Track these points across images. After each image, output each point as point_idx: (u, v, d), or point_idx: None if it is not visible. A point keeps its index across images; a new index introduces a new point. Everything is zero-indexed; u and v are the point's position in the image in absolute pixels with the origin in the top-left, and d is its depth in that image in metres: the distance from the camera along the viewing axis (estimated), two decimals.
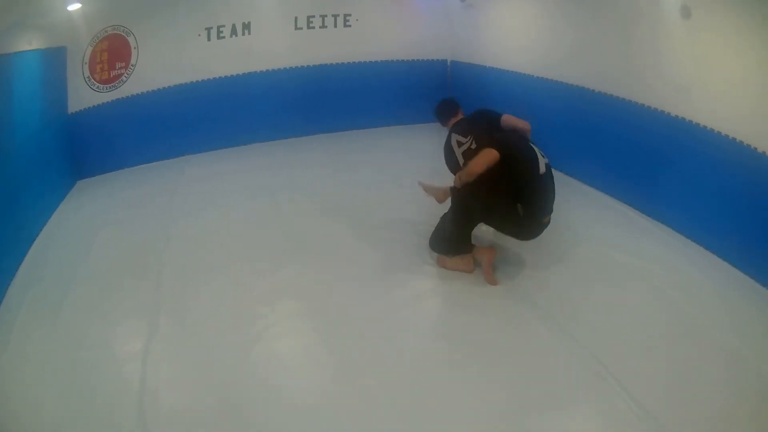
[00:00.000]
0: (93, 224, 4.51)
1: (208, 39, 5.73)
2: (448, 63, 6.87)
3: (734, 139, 3.65)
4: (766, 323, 3.23)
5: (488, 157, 3.34)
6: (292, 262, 3.90)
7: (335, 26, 6.31)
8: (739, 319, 3.25)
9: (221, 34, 5.79)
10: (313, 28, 6.23)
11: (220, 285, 3.67)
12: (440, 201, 4.11)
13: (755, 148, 3.51)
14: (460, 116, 4.11)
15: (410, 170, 5.40)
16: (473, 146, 3.63)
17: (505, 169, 3.35)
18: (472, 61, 6.50)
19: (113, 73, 5.26)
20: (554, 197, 3.56)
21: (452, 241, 3.62)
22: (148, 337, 3.14)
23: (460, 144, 3.74)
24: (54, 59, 4.79)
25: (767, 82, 3.45)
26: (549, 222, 3.56)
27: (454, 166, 3.80)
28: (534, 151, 3.47)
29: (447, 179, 5.23)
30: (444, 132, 4.20)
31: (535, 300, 3.44)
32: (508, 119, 3.71)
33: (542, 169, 3.44)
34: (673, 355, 2.99)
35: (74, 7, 4.64)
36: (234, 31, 5.83)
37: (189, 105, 5.85)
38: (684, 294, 3.47)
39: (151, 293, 3.56)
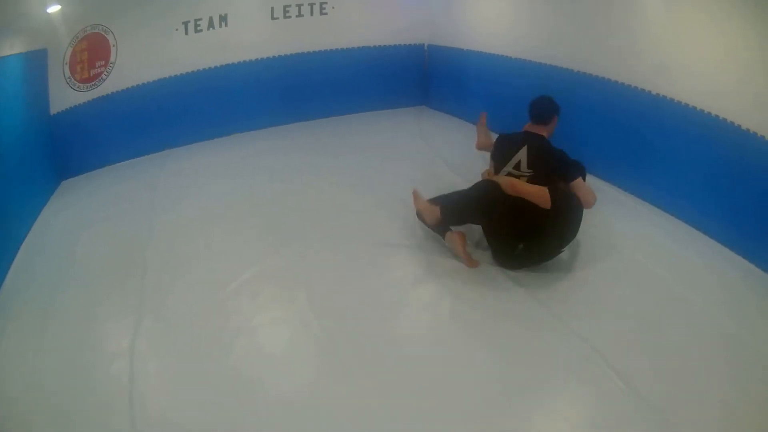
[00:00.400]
0: (78, 224, 4.52)
1: (186, 33, 5.70)
2: (426, 47, 6.90)
3: (717, 116, 3.70)
4: (754, 299, 3.30)
5: (538, 195, 3.35)
6: (274, 251, 3.96)
7: (312, 14, 6.30)
8: (727, 296, 3.33)
9: (198, 28, 5.77)
10: (290, 17, 6.22)
11: (203, 277, 3.72)
12: (478, 146, 4.22)
13: (739, 125, 3.56)
14: (547, 130, 3.86)
15: (392, 154, 5.58)
16: (524, 168, 3.67)
17: (542, 219, 3.37)
18: (450, 44, 6.54)
19: (93, 72, 5.23)
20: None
21: (449, 208, 3.60)
22: (134, 334, 3.19)
23: (517, 164, 3.70)
24: (35, 62, 4.75)
25: (750, 57, 3.48)
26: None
27: (501, 157, 3.78)
28: (576, 232, 3.51)
29: (428, 161, 5.29)
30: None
31: (521, 281, 3.52)
32: (578, 184, 3.55)
33: (564, 249, 3.54)
34: (662, 332, 3.06)
35: (54, 9, 4.61)
36: (211, 24, 5.82)
37: (169, 99, 5.84)
38: (671, 271, 3.56)
39: (136, 290, 3.59)
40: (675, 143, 4.08)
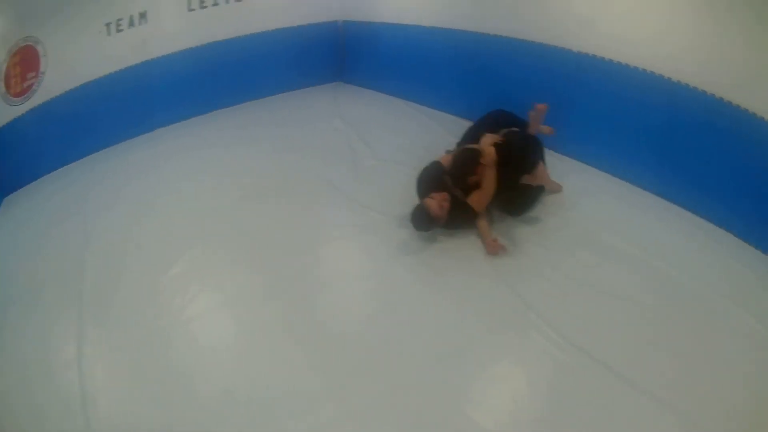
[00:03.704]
0: (19, 240, 4.54)
1: (109, 34, 5.67)
2: (340, 24, 7.08)
3: (644, 69, 3.80)
4: (692, 245, 3.53)
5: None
6: (201, 241, 4.16)
7: (227, 2, 6.38)
8: (671, 247, 3.53)
9: (120, 28, 5.74)
10: (206, 6, 6.27)
11: (138, 275, 3.87)
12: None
13: (669, 78, 3.68)
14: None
15: (308, 133, 5.88)
16: None
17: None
18: (365, 19, 6.68)
19: (25, 84, 5.16)
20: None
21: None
22: (79, 341, 3.32)
23: None
24: None
25: (674, 4, 3.60)
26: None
27: None
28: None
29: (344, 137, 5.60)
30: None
31: (456, 243, 3.82)
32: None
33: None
34: (606, 289, 3.27)
35: None
36: (132, 22, 5.80)
37: (95, 101, 5.79)
38: (608, 227, 3.75)
39: (77, 297, 3.69)
40: (603, 100, 4.20)
